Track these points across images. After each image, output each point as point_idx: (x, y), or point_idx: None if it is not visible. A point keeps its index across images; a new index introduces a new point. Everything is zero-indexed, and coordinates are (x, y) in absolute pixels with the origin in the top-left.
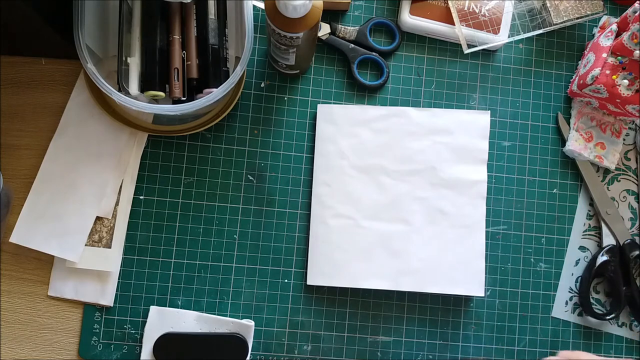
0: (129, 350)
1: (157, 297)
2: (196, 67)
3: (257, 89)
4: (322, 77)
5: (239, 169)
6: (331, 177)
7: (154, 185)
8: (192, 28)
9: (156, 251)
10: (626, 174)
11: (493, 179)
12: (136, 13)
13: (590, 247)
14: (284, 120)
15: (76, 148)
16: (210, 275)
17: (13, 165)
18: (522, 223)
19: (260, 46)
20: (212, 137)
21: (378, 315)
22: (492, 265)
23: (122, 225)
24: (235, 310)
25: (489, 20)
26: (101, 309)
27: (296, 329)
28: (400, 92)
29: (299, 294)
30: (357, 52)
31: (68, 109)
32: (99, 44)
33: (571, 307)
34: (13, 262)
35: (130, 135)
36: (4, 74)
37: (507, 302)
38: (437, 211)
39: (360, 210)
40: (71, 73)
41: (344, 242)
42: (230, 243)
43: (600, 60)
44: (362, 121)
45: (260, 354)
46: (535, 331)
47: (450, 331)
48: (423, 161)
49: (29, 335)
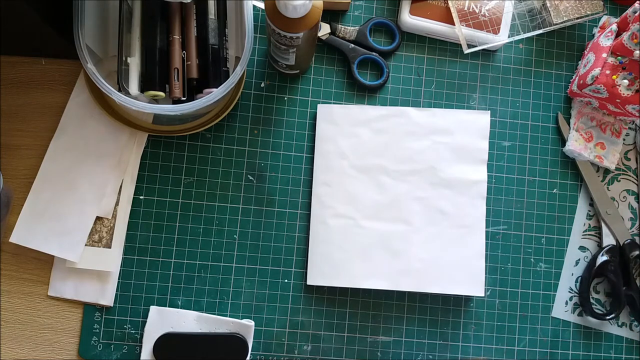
0: (129, 350)
1: (157, 297)
2: (196, 67)
3: (257, 89)
4: (322, 77)
5: (239, 169)
6: (331, 177)
7: (154, 185)
8: (192, 28)
9: (156, 251)
10: (626, 174)
11: (493, 179)
12: (136, 13)
13: (590, 247)
14: (284, 120)
15: (76, 148)
16: (210, 275)
17: (13, 165)
18: (522, 223)
19: (260, 46)
20: (212, 137)
21: (378, 315)
22: (492, 265)
23: (122, 225)
24: (235, 310)
25: (489, 20)
26: (101, 309)
27: (296, 329)
28: (400, 92)
29: (299, 294)
30: (357, 52)
31: (68, 109)
32: (99, 44)
33: (571, 307)
34: (13, 262)
35: (130, 135)
36: (4, 74)
37: (507, 302)
38: (437, 211)
39: (360, 210)
40: (71, 73)
41: (343, 242)
42: (230, 243)
43: (600, 60)
44: (362, 121)
45: (260, 354)
46: (535, 331)
47: (450, 331)
48: (423, 161)
49: (29, 335)
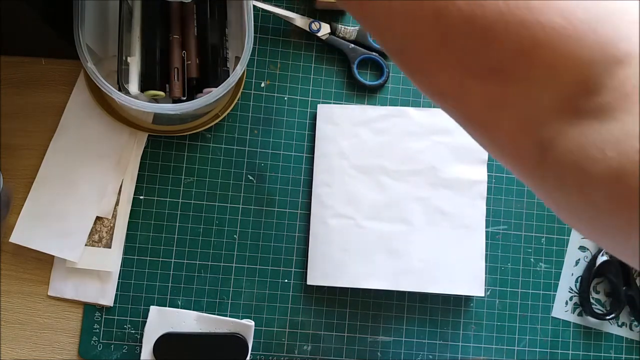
0: (129, 350)
1: (157, 297)
2: (196, 66)
3: (257, 89)
4: (322, 77)
5: (239, 169)
6: (331, 177)
7: (154, 185)
8: (192, 28)
9: (156, 251)
10: None
11: (493, 179)
12: (136, 13)
13: (590, 247)
14: (284, 120)
15: (76, 148)
16: (210, 275)
17: (13, 165)
18: (522, 223)
19: (260, 46)
20: (212, 137)
21: (378, 315)
22: (492, 265)
23: (122, 225)
24: (235, 310)
25: None
26: (101, 309)
27: (296, 329)
28: (400, 92)
29: (299, 294)
30: (357, 52)
31: (68, 109)
32: (99, 44)
33: (571, 307)
34: (13, 262)
35: (130, 135)
36: (4, 74)
37: (507, 302)
38: (437, 211)
39: (360, 210)
40: (71, 73)
41: (344, 242)
42: (230, 243)
43: None
44: (362, 121)
45: (260, 354)
46: (535, 331)
47: (450, 331)
48: (423, 161)
49: (29, 335)
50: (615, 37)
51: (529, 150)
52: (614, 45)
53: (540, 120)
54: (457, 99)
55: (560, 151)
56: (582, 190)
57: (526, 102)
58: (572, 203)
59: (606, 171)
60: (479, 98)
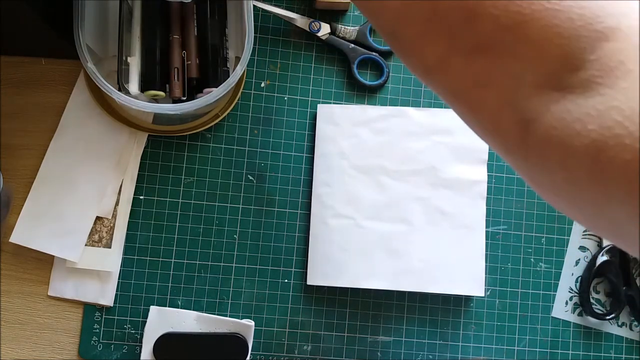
0: (129, 350)
1: (157, 297)
2: (196, 66)
3: (257, 89)
4: (322, 77)
5: (239, 169)
6: (331, 177)
7: (154, 185)
8: (192, 28)
9: (156, 251)
10: None
11: (493, 179)
12: (136, 13)
13: (590, 247)
14: (284, 120)
15: (76, 148)
16: (210, 275)
17: (13, 165)
18: (522, 223)
19: (260, 46)
20: (212, 137)
21: (378, 315)
22: (492, 265)
23: (122, 225)
24: (235, 310)
25: None
26: (101, 309)
27: (296, 329)
28: (400, 92)
29: (299, 294)
30: (357, 52)
31: (68, 109)
32: (99, 44)
33: (571, 307)
34: (13, 262)
35: (130, 135)
36: (4, 74)
37: (507, 302)
38: (437, 211)
39: (360, 210)
40: (71, 73)
41: (344, 242)
42: (230, 243)
43: None
44: (362, 121)
45: (260, 354)
46: (535, 331)
47: (450, 331)
48: (423, 161)
49: (29, 335)
50: (600, 13)
51: (512, 128)
52: (599, 21)
53: (524, 96)
54: (444, 75)
55: (544, 128)
56: (564, 165)
57: (510, 79)
58: (555, 182)
59: (588, 144)
60: (464, 75)
